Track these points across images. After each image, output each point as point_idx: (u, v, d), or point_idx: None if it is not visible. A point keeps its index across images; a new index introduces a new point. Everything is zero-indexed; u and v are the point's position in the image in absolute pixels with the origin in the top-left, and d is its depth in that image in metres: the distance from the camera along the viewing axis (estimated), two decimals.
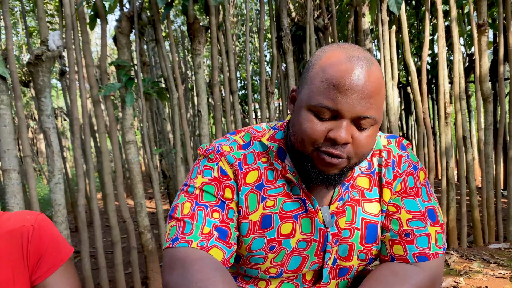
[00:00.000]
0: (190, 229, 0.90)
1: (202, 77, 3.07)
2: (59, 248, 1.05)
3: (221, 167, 0.95)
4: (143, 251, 3.09)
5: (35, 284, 1.01)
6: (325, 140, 0.84)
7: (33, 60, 2.83)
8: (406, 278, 0.90)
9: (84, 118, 2.95)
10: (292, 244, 0.96)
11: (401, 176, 0.97)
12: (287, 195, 0.96)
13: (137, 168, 3.07)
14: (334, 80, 0.81)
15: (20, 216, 1.05)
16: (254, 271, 1.00)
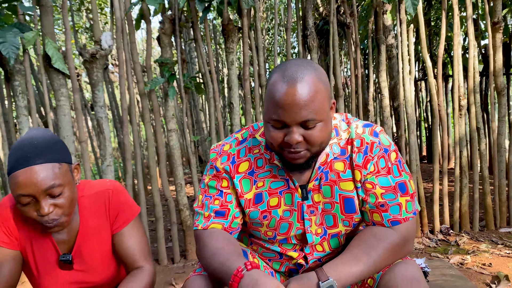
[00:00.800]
0: (198, 217, 1.31)
1: (235, 73, 3.42)
2: (130, 207, 1.42)
3: (217, 166, 1.29)
4: (182, 226, 3.50)
5: (114, 233, 1.39)
6: (284, 143, 1.14)
7: (89, 58, 3.26)
8: (382, 238, 1.20)
9: (131, 109, 3.36)
10: (279, 213, 1.28)
11: (373, 159, 1.24)
12: (274, 176, 1.26)
13: (177, 153, 3.47)
14: (274, 99, 1.10)
15: (102, 183, 1.43)
16: (257, 233, 1.36)
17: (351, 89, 3.84)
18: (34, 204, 1.16)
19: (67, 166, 1.23)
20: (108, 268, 1.40)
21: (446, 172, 3.67)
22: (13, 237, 1.29)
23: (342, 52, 6.69)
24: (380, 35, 3.62)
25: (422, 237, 3.55)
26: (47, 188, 1.13)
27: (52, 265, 1.33)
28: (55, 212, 1.18)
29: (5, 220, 1.28)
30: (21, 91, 3.26)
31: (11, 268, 1.27)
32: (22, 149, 1.15)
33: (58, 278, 1.34)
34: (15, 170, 1.13)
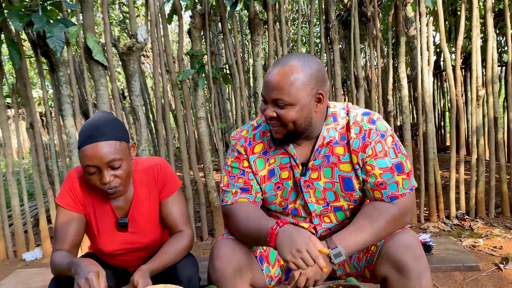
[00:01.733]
0: (226, 194, 1.54)
1: (260, 64, 3.63)
2: (174, 180, 1.67)
3: (238, 149, 1.54)
4: (210, 207, 3.77)
5: (161, 201, 1.64)
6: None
7: (126, 51, 3.53)
8: (383, 211, 1.41)
9: (165, 98, 3.62)
10: (290, 184, 1.52)
11: (371, 144, 1.43)
12: (283, 153, 1.49)
13: (206, 139, 3.72)
14: (264, 80, 1.37)
15: (152, 159, 1.68)
16: (273, 206, 1.58)
17: (371, 80, 4.00)
18: (98, 173, 1.41)
19: (126, 144, 1.48)
20: (155, 231, 1.66)
21: (463, 160, 3.80)
22: (79, 203, 1.56)
23: (366, 43, 6.78)
24: (400, 28, 3.75)
25: (438, 222, 3.71)
26: (109, 161, 1.39)
27: (111, 227, 1.60)
28: (114, 181, 1.43)
29: (73, 188, 1.54)
30: (65, 81, 3.57)
31: (76, 228, 1.54)
32: (90, 128, 1.40)
33: (115, 238, 1.61)
34: (84, 145, 1.38)
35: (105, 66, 3.49)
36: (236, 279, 1.43)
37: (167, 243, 1.56)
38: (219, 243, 1.50)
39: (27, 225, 3.83)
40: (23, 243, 3.78)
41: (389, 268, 1.37)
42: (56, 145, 7.69)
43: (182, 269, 1.56)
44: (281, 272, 1.64)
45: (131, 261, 1.71)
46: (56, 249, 1.50)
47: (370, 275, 1.49)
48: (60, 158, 3.83)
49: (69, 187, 1.55)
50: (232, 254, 1.44)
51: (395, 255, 1.35)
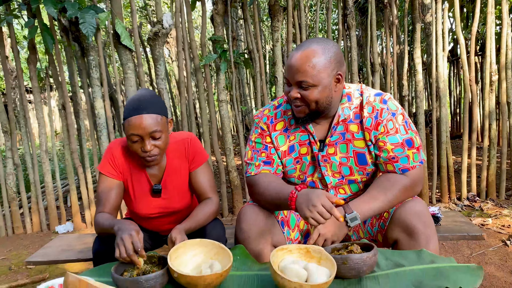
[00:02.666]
0: (250, 166, 1.72)
1: (279, 49, 3.78)
2: (203, 152, 1.86)
3: (261, 126, 1.71)
4: (230, 185, 3.97)
5: (191, 171, 1.83)
6: (288, 97, 1.55)
7: (152, 36, 3.71)
8: (395, 181, 1.57)
9: (188, 81, 3.81)
10: (308, 159, 1.68)
11: (383, 122, 1.58)
12: (303, 131, 1.64)
13: (227, 121, 3.91)
14: (287, 63, 1.50)
15: (182, 133, 1.87)
16: (292, 179, 1.75)
17: (387, 66, 4.12)
18: (140, 142, 1.60)
19: (165, 119, 1.67)
20: (184, 198, 1.86)
21: (475, 144, 3.91)
22: (118, 171, 1.76)
23: (382, 30, 6.85)
24: (416, 14, 3.85)
25: (449, 203, 3.85)
26: (151, 132, 1.58)
27: (146, 193, 1.80)
28: (154, 150, 1.62)
29: (113, 158, 1.74)
30: (95, 65, 3.77)
31: (116, 193, 1.75)
32: (136, 102, 1.59)
33: (149, 203, 1.81)
34: (130, 116, 1.57)
35: (131, 50, 3.68)
36: (260, 239, 1.61)
37: (198, 208, 1.75)
38: (245, 209, 1.68)
39: (59, 201, 4.09)
40: (56, 217, 4.04)
41: (400, 232, 1.53)
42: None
43: (211, 230, 1.76)
44: (300, 235, 1.82)
45: (163, 224, 1.92)
46: (98, 211, 1.70)
47: (382, 239, 1.66)
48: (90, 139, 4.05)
49: (110, 157, 1.75)
50: (256, 218, 1.63)
51: (405, 221, 1.51)
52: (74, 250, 2.18)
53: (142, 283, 1.26)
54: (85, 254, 2.09)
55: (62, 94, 3.87)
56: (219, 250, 1.43)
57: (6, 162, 3.92)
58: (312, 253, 1.36)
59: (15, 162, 3.94)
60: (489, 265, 2.56)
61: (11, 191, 3.97)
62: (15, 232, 4.03)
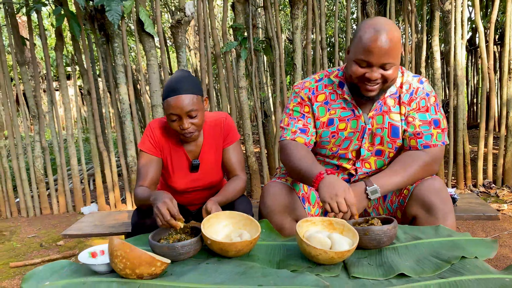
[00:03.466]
0: (286, 131, 1.80)
1: (299, 37, 3.85)
2: (235, 131, 1.98)
3: (301, 96, 1.80)
4: (249, 170, 4.08)
5: (224, 148, 1.95)
6: (364, 78, 1.57)
7: (175, 23, 3.81)
8: (416, 157, 1.66)
9: (208, 68, 3.90)
10: (344, 134, 1.76)
11: (416, 99, 1.69)
12: (343, 108, 1.72)
13: (246, 107, 4.00)
14: (366, 46, 1.51)
15: (219, 113, 1.98)
16: (323, 150, 1.84)
17: (405, 54, 4.15)
18: (178, 121, 1.72)
19: (201, 98, 1.77)
20: (217, 173, 1.98)
21: (492, 132, 3.94)
22: (157, 148, 1.87)
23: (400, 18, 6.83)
24: (435, 2, 3.87)
25: (464, 189, 3.90)
26: (189, 110, 1.69)
27: (184, 168, 1.92)
28: (191, 127, 1.73)
29: (154, 136, 1.86)
30: (119, 52, 3.89)
31: (155, 169, 1.86)
32: (174, 83, 1.71)
33: (186, 177, 1.93)
34: (169, 96, 1.69)
35: (153, 37, 3.79)
36: (283, 213, 1.71)
37: (228, 184, 1.86)
38: (269, 185, 1.78)
39: (84, 183, 4.26)
40: (81, 199, 4.21)
41: (419, 208, 1.61)
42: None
43: (239, 205, 1.87)
44: (320, 212, 1.91)
45: (195, 199, 2.03)
46: (138, 185, 1.82)
47: (401, 215, 1.74)
48: (114, 124, 4.19)
49: (150, 134, 1.87)
50: (280, 194, 1.72)
51: (424, 197, 1.59)
52: (105, 225, 2.31)
53: (178, 249, 1.37)
54: (117, 229, 2.21)
55: (87, 80, 4.00)
56: (247, 221, 1.53)
57: (34, 145, 4.09)
58: (334, 225, 1.45)
59: (42, 145, 4.10)
60: (504, 247, 2.62)
61: (39, 173, 4.14)
62: (43, 213, 4.21)
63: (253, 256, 1.40)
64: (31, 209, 4.17)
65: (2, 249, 3.22)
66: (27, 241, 3.38)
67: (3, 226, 3.84)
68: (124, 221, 2.36)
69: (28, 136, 4.14)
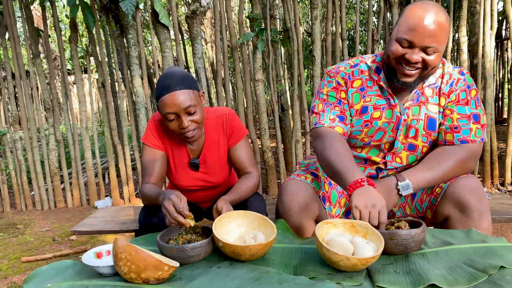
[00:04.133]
0: (323, 117, 1.66)
1: (318, 27, 3.71)
2: (241, 128, 1.86)
3: (337, 80, 1.67)
4: (265, 166, 3.97)
5: (230, 147, 1.83)
6: (403, 59, 1.46)
7: (190, 14, 3.71)
8: (452, 153, 1.53)
9: (225, 61, 3.79)
10: (379, 124, 1.63)
11: (456, 91, 1.57)
12: (379, 95, 1.60)
13: (263, 101, 3.89)
14: (412, 24, 1.41)
15: (221, 109, 1.87)
16: (354, 140, 1.71)
17: None
18: (177, 120, 1.60)
19: (197, 93, 1.66)
20: (223, 172, 1.87)
21: None
22: (161, 142, 1.78)
23: None
24: None
25: (491, 188, 3.72)
26: (186, 107, 1.57)
27: (185, 166, 1.82)
28: (192, 125, 1.62)
29: (156, 129, 1.77)
30: (133, 43, 3.82)
31: (160, 164, 1.77)
32: (166, 80, 1.59)
33: (189, 176, 1.83)
34: (163, 95, 1.57)
35: (168, 29, 3.70)
36: (301, 213, 1.59)
37: (240, 182, 1.75)
38: (287, 183, 1.67)
39: (98, 176, 4.22)
40: (95, 192, 4.17)
41: (452, 207, 1.48)
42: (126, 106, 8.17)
43: (252, 203, 1.76)
44: (341, 212, 1.80)
45: (202, 198, 1.94)
46: (145, 182, 1.73)
47: (432, 215, 1.61)
48: (129, 117, 4.13)
49: (153, 127, 1.77)
50: (298, 192, 1.61)
51: (459, 196, 1.45)
52: (117, 221, 2.23)
53: (188, 251, 1.27)
54: (128, 226, 2.14)
55: (101, 72, 3.94)
56: (262, 221, 1.43)
57: (49, 138, 4.06)
58: (357, 227, 1.33)
59: (57, 138, 4.07)
60: None
61: (53, 166, 4.12)
62: (57, 206, 4.19)
63: (268, 260, 1.30)
64: (45, 202, 4.15)
65: (15, 242, 3.19)
66: (40, 235, 3.35)
67: (18, 219, 3.83)
68: (137, 217, 2.28)
69: (42, 128, 4.11)
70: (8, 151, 4.06)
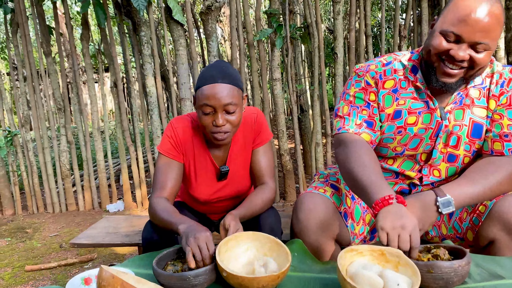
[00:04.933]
0: (348, 121, 1.44)
1: (341, 23, 3.47)
2: (267, 130, 1.67)
3: (367, 80, 1.43)
4: (283, 170, 3.76)
5: (253, 149, 1.64)
6: (446, 55, 1.23)
7: (205, 10, 3.53)
8: (501, 165, 1.29)
9: (241, 59, 3.60)
10: (414, 130, 1.40)
11: (508, 92, 1.33)
12: (414, 98, 1.38)
13: (280, 101, 3.67)
14: (461, 15, 1.18)
15: (250, 109, 1.67)
16: (385, 150, 1.48)
17: None
18: (212, 115, 1.42)
19: (241, 93, 1.48)
20: (246, 180, 1.68)
21: None
22: (179, 151, 1.58)
23: None
24: None
25: None
26: (226, 103, 1.38)
27: (210, 176, 1.63)
28: (226, 126, 1.43)
29: (174, 136, 1.57)
30: (146, 41, 3.66)
31: (175, 176, 1.56)
32: (212, 70, 1.41)
33: (212, 187, 1.64)
34: (204, 84, 1.39)
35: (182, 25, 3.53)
36: (320, 232, 1.39)
37: (254, 194, 1.55)
38: (303, 197, 1.46)
39: (110, 179, 4.08)
40: (107, 195, 4.04)
41: (499, 230, 1.25)
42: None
43: (265, 219, 1.56)
44: (366, 230, 1.58)
45: (219, 207, 1.75)
46: (155, 196, 1.51)
47: (473, 237, 1.38)
48: (142, 118, 3.99)
49: (170, 135, 1.58)
50: (316, 208, 1.40)
51: (507, 216, 1.23)
52: (120, 233, 2.07)
53: (190, 279, 1.08)
54: (131, 239, 1.97)
55: (114, 71, 3.80)
56: (274, 245, 1.22)
57: (60, 139, 3.94)
58: (388, 256, 1.12)
59: (68, 139, 3.95)
60: None
61: (65, 168, 4.00)
62: (68, 209, 4.08)
63: None
64: (56, 205, 4.04)
65: (21, 248, 3.07)
66: (48, 240, 3.23)
67: (28, 223, 3.72)
68: (142, 228, 2.11)
69: (53, 129, 4.00)
70: (20, 152, 3.97)
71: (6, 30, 3.86)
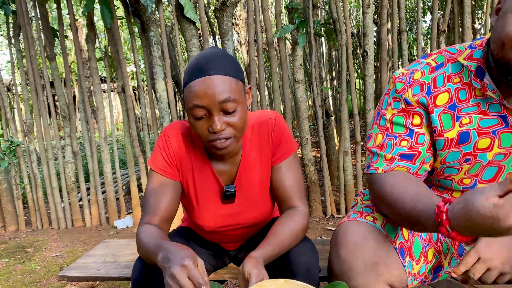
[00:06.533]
0: (376, 158, 1.09)
1: (370, 17, 3.11)
2: (291, 140, 1.30)
3: (406, 98, 1.06)
4: (307, 182, 3.39)
5: (274, 166, 1.28)
6: None
7: (219, 6, 3.21)
8: None
9: (259, 59, 3.26)
10: (488, 157, 1.03)
11: None
12: (483, 112, 1.01)
13: (304, 105, 3.32)
14: None
15: (265, 113, 1.32)
16: (448, 182, 1.12)
17: None
18: (207, 119, 1.07)
19: (243, 86, 1.12)
20: (265, 204, 1.31)
21: None
22: (174, 166, 1.23)
23: None
24: None
25: None
26: (223, 100, 1.03)
27: (212, 197, 1.27)
28: (227, 130, 1.08)
29: (167, 148, 1.22)
30: (156, 42, 3.35)
31: (170, 199, 1.21)
32: (201, 60, 1.06)
33: (217, 211, 1.28)
34: (192, 80, 1.05)
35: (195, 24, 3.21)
36: (369, 275, 1.05)
37: (281, 223, 1.18)
38: (346, 226, 1.11)
39: (119, 193, 3.77)
40: (115, 210, 3.72)
41: None
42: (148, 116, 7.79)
43: (299, 257, 1.18)
44: (428, 270, 1.20)
45: (232, 238, 1.39)
46: (144, 222, 1.19)
47: None
48: (152, 128, 3.68)
49: (163, 146, 1.23)
50: (364, 243, 1.06)
51: None
52: (119, 262, 1.73)
53: None
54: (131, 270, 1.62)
55: (121, 75, 3.50)
56: None
57: (65, 149, 3.65)
58: None
59: (73, 150, 3.66)
60: None
61: (70, 181, 3.71)
62: (74, 225, 3.78)
63: None
64: (62, 221, 3.74)
65: (19, 271, 2.77)
66: (49, 261, 2.92)
67: (30, 240, 3.43)
68: None
69: (58, 139, 3.71)
70: (23, 163, 3.69)
71: (8, 33, 3.60)
